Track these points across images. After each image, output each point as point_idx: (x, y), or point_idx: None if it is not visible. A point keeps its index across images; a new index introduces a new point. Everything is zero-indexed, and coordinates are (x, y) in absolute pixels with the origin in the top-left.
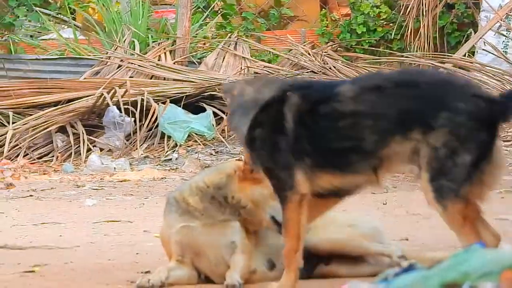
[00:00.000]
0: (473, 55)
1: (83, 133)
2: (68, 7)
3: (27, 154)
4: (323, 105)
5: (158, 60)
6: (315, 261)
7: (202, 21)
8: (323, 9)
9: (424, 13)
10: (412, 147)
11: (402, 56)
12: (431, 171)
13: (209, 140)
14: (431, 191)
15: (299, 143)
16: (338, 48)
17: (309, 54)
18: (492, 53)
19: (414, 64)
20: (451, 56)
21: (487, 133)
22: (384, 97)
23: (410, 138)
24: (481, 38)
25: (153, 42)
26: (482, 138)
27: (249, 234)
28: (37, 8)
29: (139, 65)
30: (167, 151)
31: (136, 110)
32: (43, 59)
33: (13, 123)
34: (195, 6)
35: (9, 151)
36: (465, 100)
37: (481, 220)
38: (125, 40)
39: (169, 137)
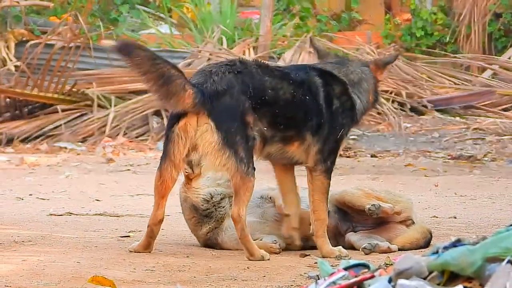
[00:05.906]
0: None
1: None
2: (165, 5)
3: (126, 134)
4: None
5: (243, 55)
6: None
7: (282, 22)
8: (387, 14)
9: (475, 21)
10: None
11: (455, 57)
12: None
13: None
14: None
15: None
16: (400, 49)
17: (374, 53)
18: None
19: (466, 65)
20: (498, 58)
21: None
22: None
23: None
24: None
25: (239, 39)
26: None
27: None
28: (139, 6)
29: (226, 59)
30: None
31: None
32: None
33: (114, 105)
34: (276, 9)
35: (111, 130)
36: None
37: None
38: (214, 36)
39: None
